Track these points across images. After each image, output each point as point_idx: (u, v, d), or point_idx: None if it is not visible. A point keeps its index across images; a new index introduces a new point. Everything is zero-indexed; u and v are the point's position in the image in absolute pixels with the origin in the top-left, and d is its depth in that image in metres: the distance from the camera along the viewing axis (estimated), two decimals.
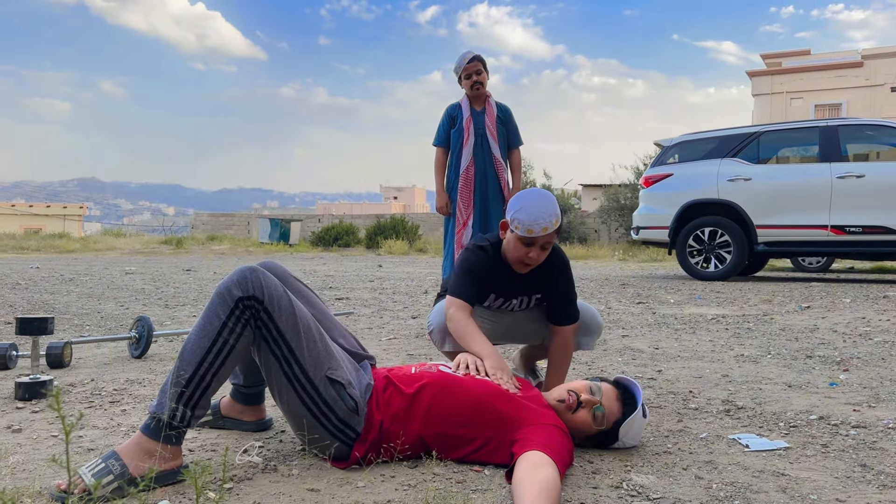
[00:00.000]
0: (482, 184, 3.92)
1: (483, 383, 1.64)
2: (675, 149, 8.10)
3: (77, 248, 18.78)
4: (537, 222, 1.97)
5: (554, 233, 2.03)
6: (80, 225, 36.70)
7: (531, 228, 1.98)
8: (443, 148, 4.00)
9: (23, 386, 2.26)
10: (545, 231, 1.99)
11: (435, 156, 4.04)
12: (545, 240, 2.03)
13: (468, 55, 3.93)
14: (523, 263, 2.08)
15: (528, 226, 1.98)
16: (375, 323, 4.31)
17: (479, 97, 3.94)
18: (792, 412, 2.11)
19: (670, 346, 3.38)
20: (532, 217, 1.98)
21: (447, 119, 3.99)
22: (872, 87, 31.34)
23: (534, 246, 2.03)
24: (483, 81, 3.89)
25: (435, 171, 4.05)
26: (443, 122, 4.00)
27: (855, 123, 7.38)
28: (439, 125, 4.02)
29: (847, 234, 6.84)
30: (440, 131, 4.00)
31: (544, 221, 1.98)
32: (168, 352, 3.24)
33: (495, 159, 3.93)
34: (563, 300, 2.20)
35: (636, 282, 7.53)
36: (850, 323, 4.09)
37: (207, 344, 1.47)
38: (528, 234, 1.99)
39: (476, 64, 3.88)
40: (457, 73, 3.96)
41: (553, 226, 2.00)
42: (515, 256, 2.07)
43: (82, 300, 5.54)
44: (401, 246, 18.77)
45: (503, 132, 3.99)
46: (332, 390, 1.53)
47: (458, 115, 3.95)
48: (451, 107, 4.01)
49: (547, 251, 2.07)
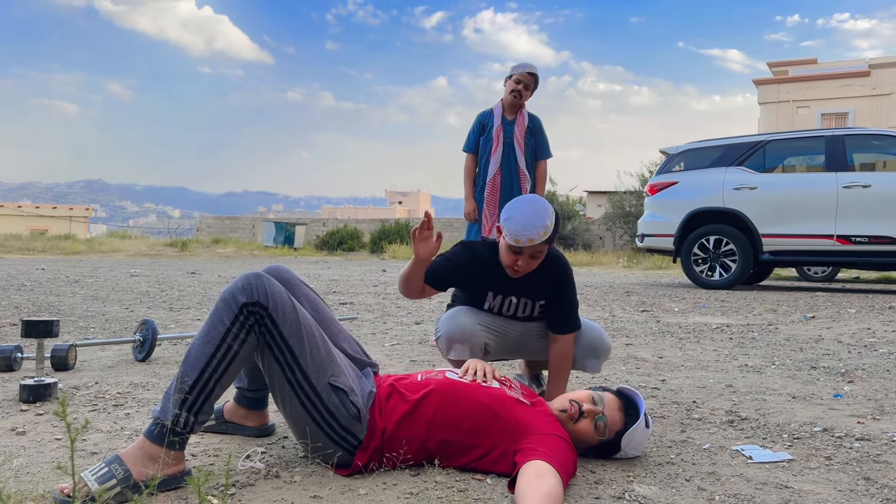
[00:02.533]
0: (507, 193, 3.92)
1: (489, 391, 1.63)
2: (681, 157, 8.10)
3: (82, 249, 18.85)
4: (523, 233, 1.97)
5: (542, 244, 2.02)
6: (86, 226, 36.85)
7: (517, 238, 1.98)
8: (472, 154, 4.00)
9: (27, 388, 2.27)
10: (531, 242, 1.98)
11: (465, 162, 4.04)
12: (533, 250, 2.03)
13: (529, 67, 3.94)
14: (512, 269, 2.09)
15: (514, 235, 1.98)
16: (379, 328, 4.31)
17: (515, 106, 3.93)
18: (796, 424, 2.11)
19: (674, 356, 3.37)
20: (518, 227, 1.98)
21: (478, 126, 3.98)
22: (879, 96, 31.27)
23: (521, 255, 2.03)
24: (524, 94, 3.88)
25: (464, 177, 4.05)
26: (473, 128, 4.00)
27: (861, 133, 7.37)
28: (470, 131, 4.01)
29: (853, 244, 6.81)
30: (470, 138, 4.00)
31: (530, 233, 1.97)
32: (172, 355, 3.24)
33: (520, 170, 3.94)
34: (562, 309, 2.19)
35: (640, 290, 7.52)
36: (856, 334, 4.07)
37: (211, 350, 1.47)
38: (515, 244, 1.99)
39: (529, 77, 3.87)
40: (511, 71, 3.96)
41: (540, 237, 1.99)
42: (505, 262, 2.10)
43: (87, 302, 5.56)
44: (405, 251, 18.79)
45: (531, 143, 3.99)
46: (334, 397, 1.53)
47: (488, 122, 3.94)
48: (483, 114, 4.00)
49: (538, 260, 2.07)
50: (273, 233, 22.43)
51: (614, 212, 19.82)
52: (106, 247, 19.72)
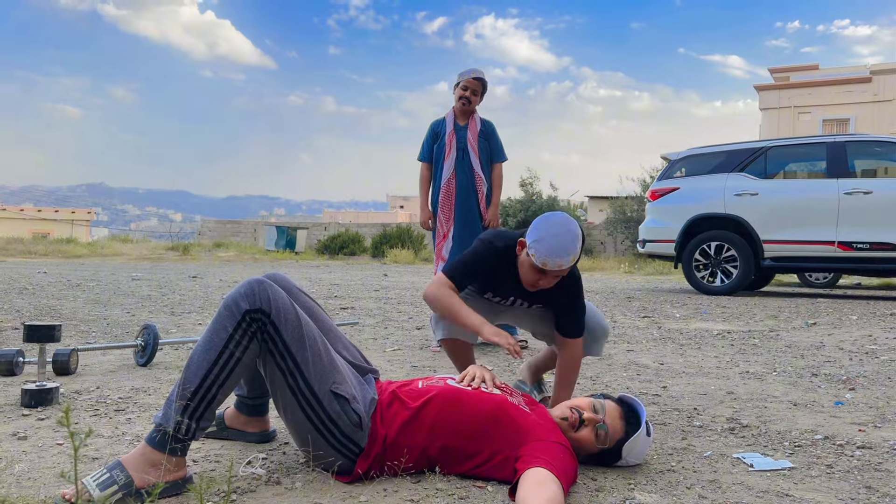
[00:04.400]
0: (464, 197, 3.96)
1: (491, 398, 1.64)
2: (682, 163, 8.11)
3: (84, 253, 18.88)
4: (552, 259, 1.92)
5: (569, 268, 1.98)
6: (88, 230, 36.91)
7: (546, 262, 1.93)
8: (427, 163, 4.05)
9: (29, 393, 2.27)
10: (559, 268, 1.94)
11: (420, 171, 4.08)
12: (560, 273, 1.99)
13: (475, 72, 3.98)
14: (532, 286, 2.06)
15: (543, 259, 1.93)
16: (380, 333, 4.31)
17: (465, 113, 3.98)
18: (797, 431, 2.10)
19: (675, 362, 3.37)
20: (549, 252, 1.92)
21: (431, 134, 4.04)
22: (881, 102, 31.27)
23: (546, 276, 1.99)
24: (472, 100, 3.94)
25: (420, 186, 4.11)
26: (427, 137, 4.05)
27: (862, 140, 7.37)
28: (423, 141, 4.07)
29: (854, 250, 6.81)
30: (424, 147, 4.06)
31: (560, 259, 1.93)
32: (173, 360, 3.25)
33: (475, 173, 3.97)
34: (572, 313, 2.16)
35: (642, 295, 7.52)
36: (857, 341, 4.07)
37: (214, 356, 1.48)
38: (542, 267, 1.95)
39: (476, 83, 3.93)
40: (458, 78, 4.01)
41: (569, 263, 1.95)
42: (526, 278, 2.05)
43: (89, 306, 5.57)
44: (406, 255, 18.80)
45: (485, 147, 4.03)
46: (336, 405, 1.54)
47: (441, 129, 3.99)
48: (436, 122, 4.06)
49: (559, 279, 2.03)
50: (275, 237, 22.46)
51: (616, 217, 19.82)
52: (108, 250, 19.76)
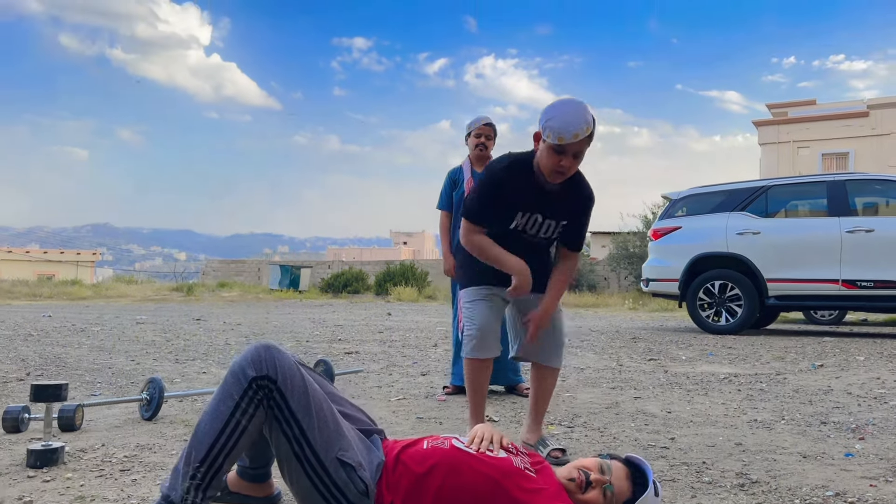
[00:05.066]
0: None
1: (496, 462, 1.63)
2: (683, 202, 8.16)
3: (89, 295, 18.92)
4: (568, 129, 2.04)
5: (585, 140, 2.10)
6: (93, 271, 37.03)
7: (562, 136, 2.05)
8: (446, 211, 4.07)
9: (34, 453, 2.27)
10: (576, 138, 2.06)
11: (439, 219, 4.10)
12: (576, 148, 2.10)
13: (484, 118, 4.05)
14: (556, 172, 2.16)
15: (559, 133, 2.05)
16: (385, 381, 4.30)
17: (482, 158, 4.04)
18: (807, 487, 2.08)
19: (683, 410, 3.35)
20: (563, 125, 2.05)
21: (449, 183, 4.06)
22: (880, 136, 31.54)
23: (566, 154, 2.10)
24: (488, 145, 4.00)
25: (440, 234, 4.12)
26: (445, 185, 4.08)
27: (862, 178, 7.43)
28: (442, 189, 4.09)
29: (859, 288, 6.80)
30: (443, 195, 4.08)
31: (575, 128, 2.05)
32: (178, 413, 3.24)
33: None
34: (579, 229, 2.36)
35: (647, 335, 7.49)
36: (865, 384, 4.04)
37: (220, 425, 1.48)
38: (559, 143, 2.07)
39: (488, 129, 4.00)
40: (468, 129, 4.07)
41: (584, 132, 2.07)
42: (548, 166, 2.15)
43: (93, 354, 5.56)
44: (410, 293, 18.78)
45: None
46: (342, 472, 1.53)
47: (459, 177, 4.02)
48: (453, 170, 4.09)
49: (579, 160, 2.15)
50: (278, 276, 22.51)
51: (618, 253, 19.85)
52: (112, 292, 19.79)
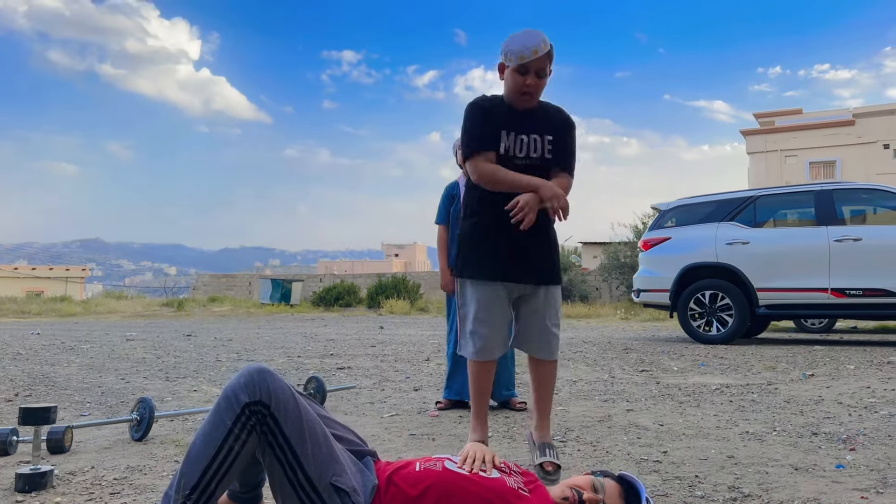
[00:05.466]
0: None
1: (489, 484, 1.62)
2: (673, 212, 8.22)
3: (78, 311, 18.78)
4: (527, 47, 2.20)
5: (545, 57, 2.23)
6: (82, 287, 36.76)
7: (522, 55, 2.20)
8: (444, 226, 4.05)
9: (23, 477, 2.24)
10: (536, 54, 2.21)
11: (437, 234, 4.09)
12: (538, 65, 2.24)
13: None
14: (522, 93, 2.28)
15: (519, 53, 2.21)
16: (377, 397, 4.28)
17: None
18: (799, 500, 2.09)
19: (675, 423, 3.36)
20: (521, 45, 2.21)
21: (447, 197, 4.05)
22: (865, 144, 31.93)
23: (529, 73, 2.24)
24: None
25: (438, 250, 4.10)
26: (443, 200, 4.07)
27: (849, 188, 7.50)
28: (440, 204, 4.08)
29: (847, 296, 6.86)
30: (441, 210, 4.06)
31: (533, 45, 2.20)
32: (169, 433, 3.21)
33: None
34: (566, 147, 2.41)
35: (639, 346, 7.50)
36: (855, 393, 4.07)
37: (213, 451, 1.47)
38: (521, 62, 2.21)
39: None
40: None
41: (543, 49, 2.21)
42: (515, 89, 2.28)
43: (83, 372, 5.52)
44: (402, 305, 18.76)
45: None
46: (336, 498, 1.52)
47: (456, 192, 4.02)
48: (451, 185, 4.09)
49: (543, 80, 2.28)
50: (269, 290, 22.41)
51: (610, 263, 19.91)
52: (101, 308, 19.66)
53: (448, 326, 4.06)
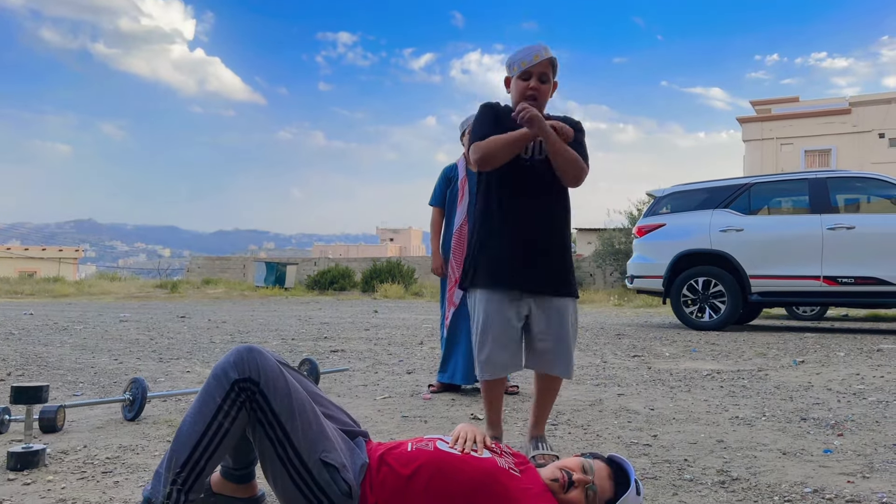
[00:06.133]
0: None
1: (481, 463, 1.63)
2: (667, 199, 8.22)
3: (71, 292, 18.72)
4: (528, 54, 2.30)
5: (546, 63, 2.30)
6: (76, 268, 36.63)
7: (524, 60, 2.29)
8: (439, 208, 4.03)
9: (15, 455, 2.24)
10: (537, 59, 2.29)
11: (431, 216, 4.06)
12: (540, 69, 2.30)
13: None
14: (526, 98, 2.32)
15: (521, 60, 2.30)
16: (370, 379, 4.29)
17: None
18: (787, 484, 2.11)
19: (665, 407, 3.38)
20: (523, 53, 2.33)
21: (443, 180, 4.03)
22: (861, 133, 31.94)
23: (532, 77, 2.31)
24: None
25: (431, 231, 4.08)
26: (439, 182, 4.05)
27: (843, 175, 7.52)
28: (436, 185, 4.06)
29: (839, 284, 6.90)
30: (436, 191, 4.04)
31: (534, 51, 2.30)
32: (162, 413, 3.22)
33: None
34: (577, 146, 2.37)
35: (632, 331, 7.54)
36: (845, 380, 4.10)
37: (202, 427, 1.48)
38: (523, 67, 2.29)
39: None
40: (462, 128, 3.85)
41: (544, 54, 2.30)
42: (519, 94, 2.34)
43: (76, 353, 5.51)
44: (396, 290, 18.78)
45: None
46: (325, 474, 1.53)
47: (454, 175, 3.99)
48: (448, 168, 4.06)
49: (547, 86, 2.34)
50: (264, 273, 22.40)
51: (604, 249, 19.95)
52: (95, 289, 19.60)
53: (441, 311, 4.07)
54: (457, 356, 3.81)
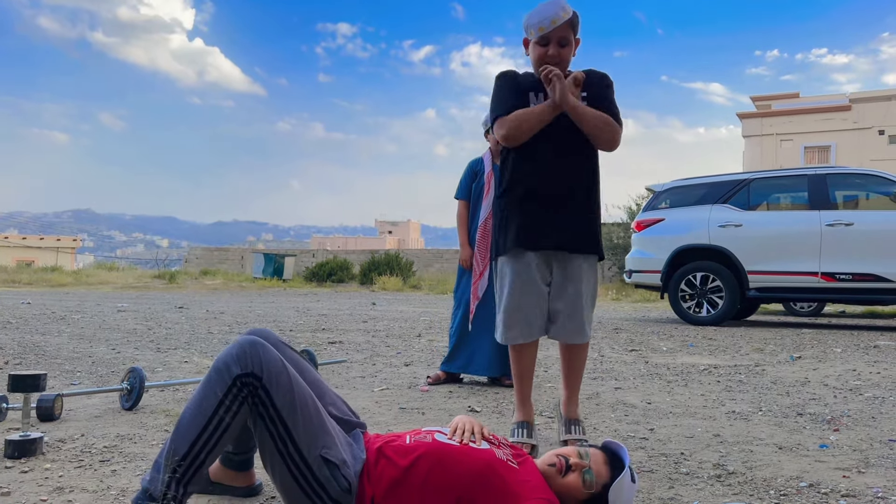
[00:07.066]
0: None
1: (479, 455, 1.64)
2: (666, 194, 8.22)
3: (69, 282, 18.70)
4: (545, 17, 2.16)
5: (566, 26, 2.18)
6: (73, 257, 36.59)
7: (542, 25, 2.17)
8: (465, 201, 4.02)
9: (12, 444, 2.25)
10: (554, 24, 2.17)
11: (457, 209, 4.06)
12: (559, 34, 2.19)
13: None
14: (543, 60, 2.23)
15: (538, 24, 2.18)
16: (368, 371, 4.30)
17: None
18: (782, 478, 2.12)
19: (662, 401, 3.39)
20: (539, 17, 2.18)
21: (469, 173, 4.02)
22: (861, 129, 31.92)
23: (551, 43, 2.20)
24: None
25: (458, 225, 4.07)
26: (465, 175, 4.03)
27: (843, 172, 7.52)
28: (461, 179, 4.06)
29: (837, 281, 6.91)
30: (462, 185, 4.03)
31: (551, 14, 2.16)
32: (160, 403, 3.22)
33: None
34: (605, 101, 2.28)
35: (629, 326, 7.55)
36: (841, 376, 4.11)
37: (203, 421, 1.47)
38: (541, 33, 2.18)
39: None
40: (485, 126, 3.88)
41: (562, 17, 2.17)
42: (538, 61, 2.24)
43: (73, 342, 5.51)
44: (395, 282, 18.78)
45: None
46: (325, 470, 1.52)
47: (480, 168, 3.99)
48: (474, 161, 4.05)
49: (567, 49, 2.23)
50: (262, 264, 22.38)
51: (603, 244, 19.94)
52: (93, 279, 19.58)
53: (455, 302, 4.06)
54: (468, 349, 3.83)
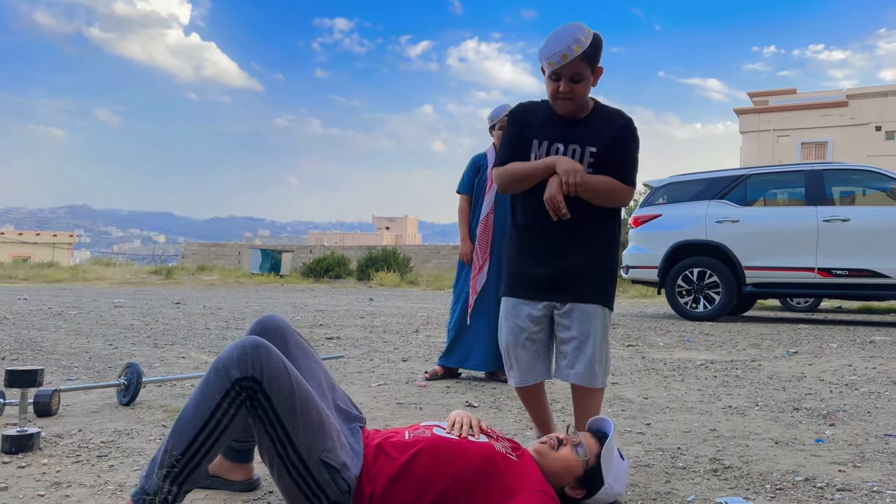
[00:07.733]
0: (501, 231, 3.92)
1: (478, 448, 1.64)
2: (664, 190, 8.22)
3: (66, 277, 18.66)
4: (555, 52, 2.01)
5: (579, 61, 2.01)
6: (70, 253, 36.52)
7: (551, 61, 2.02)
8: (466, 195, 4.02)
9: (10, 439, 2.24)
10: (565, 59, 2.00)
11: (459, 203, 4.06)
12: (571, 70, 2.02)
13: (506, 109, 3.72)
14: (559, 99, 2.10)
15: (548, 59, 2.03)
16: (365, 366, 4.30)
17: None
18: (778, 472, 2.13)
19: (659, 396, 3.40)
20: (550, 49, 2.03)
21: (472, 168, 4.02)
22: (858, 125, 31.97)
23: (562, 78, 2.05)
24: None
25: (459, 219, 4.07)
26: (468, 170, 4.03)
27: (839, 168, 7.53)
28: (464, 173, 4.05)
29: (833, 276, 6.93)
30: (465, 179, 4.03)
31: (562, 49, 2.00)
32: (157, 398, 3.22)
33: None
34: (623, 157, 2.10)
35: (626, 321, 7.57)
36: (837, 371, 4.13)
37: (201, 423, 1.47)
38: (552, 68, 2.03)
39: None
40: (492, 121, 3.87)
41: (574, 52, 1.99)
42: (550, 95, 2.12)
43: (70, 338, 5.50)
44: (392, 278, 18.78)
45: None
46: (325, 473, 1.51)
47: (483, 163, 3.99)
48: (477, 157, 4.05)
49: (581, 85, 2.06)
50: (259, 260, 22.34)
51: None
52: (90, 274, 19.55)
53: (455, 294, 4.07)
54: (466, 343, 3.83)
